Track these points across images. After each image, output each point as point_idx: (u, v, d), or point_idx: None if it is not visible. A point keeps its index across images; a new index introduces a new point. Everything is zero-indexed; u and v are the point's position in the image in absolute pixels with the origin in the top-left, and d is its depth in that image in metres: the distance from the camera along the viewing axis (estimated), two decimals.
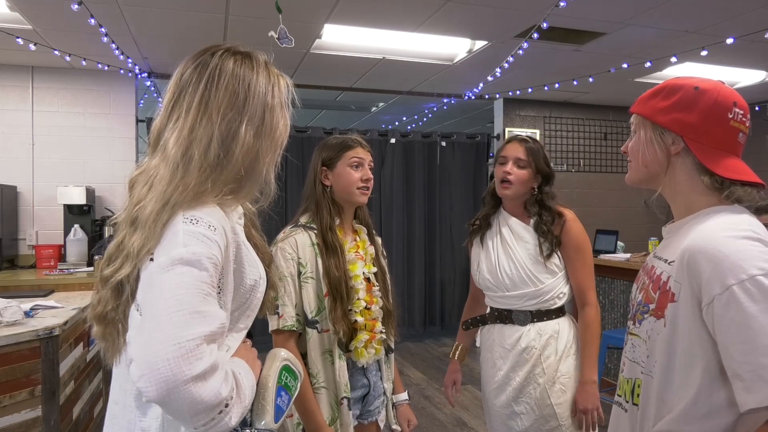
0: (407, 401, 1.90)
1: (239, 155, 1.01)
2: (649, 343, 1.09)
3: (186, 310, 0.84)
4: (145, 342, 0.83)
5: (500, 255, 1.91)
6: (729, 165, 1.07)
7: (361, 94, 5.65)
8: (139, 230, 0.94)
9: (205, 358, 0.83)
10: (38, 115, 4.55)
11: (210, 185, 0.98)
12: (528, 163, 1.88)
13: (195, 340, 0.82)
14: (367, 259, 1.78)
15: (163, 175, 0.97)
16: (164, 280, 0.87)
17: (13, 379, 2.20)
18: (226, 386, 0.86)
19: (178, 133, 0.99)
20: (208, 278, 0.89)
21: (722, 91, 1.08)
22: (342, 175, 1.71)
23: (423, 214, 5.83)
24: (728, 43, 3.76)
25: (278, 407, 1.01)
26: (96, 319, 1.01)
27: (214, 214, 0.96)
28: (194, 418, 0.83)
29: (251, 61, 1.07)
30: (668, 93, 1.11)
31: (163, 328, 0.82)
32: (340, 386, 1.64)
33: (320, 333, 1.65)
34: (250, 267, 1.06)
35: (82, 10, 3.12)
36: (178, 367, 0.80)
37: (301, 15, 3.43)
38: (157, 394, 0.80)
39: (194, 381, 0.81)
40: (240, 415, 0.90)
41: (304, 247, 1.66)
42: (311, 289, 1.64)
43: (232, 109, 1.01)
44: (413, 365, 4.99)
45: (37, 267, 4.28)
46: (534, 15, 3.45)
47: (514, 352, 1.86)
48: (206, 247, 0.91)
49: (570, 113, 6.10)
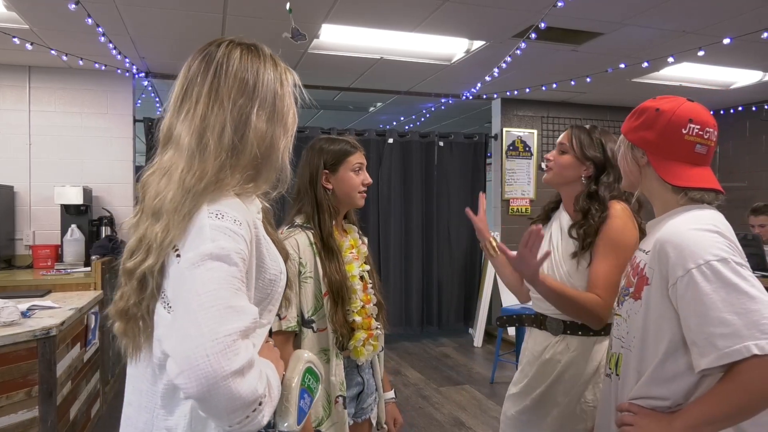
0: (394, 399, 1.91)
1: (254, 140, 1.01)
2: (628, 321, 1.29)
3: (220, 305, 0.84)
4: (183, 338, 0.83)
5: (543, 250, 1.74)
6: (682, 174, 1.25)
7: (359, 94, 5.65)
8: (162, 219, 0.94)
9: (241, 354, 0.83)
10: (35, 115, 4.54)
11: (229, 172, 0.98)
12: (570, 148, 1.72)
13: (232, 335, 0.82)
14: (361, 258, 1.80)
15: (180, 164, 0.97)
16: (195, 275, 0.87)
17: (9, 380, 2.19)
18: (261, 383, 0.86)
19: (190, 122, 1.00)
20: (237, 273, 0.89)
21: (678, 110, 1.25)
22: (345, 180, 1.75)
23: (421, 214, 5.83)
24: (725, 44, 3.77)
25: (301, 409, 1.01)
26: (118, 314, 1.00)
27: (238, 208, 0.97)
28: (231, 415, 0.83)
29: (258, 51, 1.07)
30: (638, 114, 1.32)
31: (199, 324, 0.82)
32: (335, 385, 1.65)
33: (315, 332, 1.66)
34: (271, 261, 1.06)
35: (79, 9, 3.12)
36: (217, 362, 0.80)
37: (298, 15, 3.43)
38: (198, 390, 0.80)
39: (233, 376, 0.81)
40: (270, 414, 0.90)
41: (303, 247, 1.67)
42: (309, 289, 1.66)
43: (243, 95, 1.01)
44: (411, 365, 5.00)
45: (34, 267, 4.27)
46: (532, 15, 3.46)
47: (540, 361, 1.73)
48: (234, 242, 0.91)
49: (568, 113, 6.11)
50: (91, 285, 3.60)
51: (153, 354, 0.99)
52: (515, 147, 5.89)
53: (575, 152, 1.72)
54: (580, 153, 1.71)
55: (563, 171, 1.74)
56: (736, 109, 5.91)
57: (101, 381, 3.54)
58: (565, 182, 1.75)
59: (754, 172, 5.98)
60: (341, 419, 1.65)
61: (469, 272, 6.01)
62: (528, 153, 5.94)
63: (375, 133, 5.69)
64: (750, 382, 1.04)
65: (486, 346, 5.61)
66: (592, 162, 1.70)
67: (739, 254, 1.14)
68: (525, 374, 1.79)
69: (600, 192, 1.67)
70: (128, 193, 4.77)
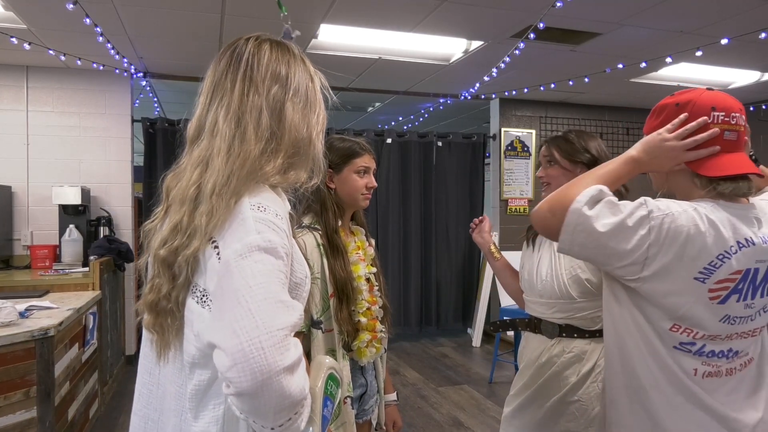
0: (395, 402, 1.91)
1: (291, 127, 0.99)
2: None
3: (273, 298, 0.82)
4: (236, 330, 0.79)
5: (543, 256, 1.75)
6: (714, 163, 1.18)
7: (358, 94, 5.65)
8: (204, 204, 0.91)
9: (292, 350, 0.81)
10: (33, 115, 4.53)
11: (270, 157, 0.96)
12: (555, 159, 1.72)
13: (284, 330, 0.80)
14: (367, 260, 1.80)
15: (220, 149, 0.94)
16: (244, 266, 0.83)
17: (7, 380, 2.19)
18: (307, 384, 0.84)
19: (227, 108, 0.97)
20: (284, 267, 0.88)
21: (698, 100, 1.20)
22: (348, 181, 1.73)
23: (419, 214, 5.84)
24: (723, 44, 3.78)
25: (324, 417, 0.99)
26: (148, 306, 0.97)
27: (278, 203, 0.95)
28: (278, 415, 0.80)
29: (287, 46, 1.07)
30: (658, 113, 1.27)
31: (253, 316, 0.79)
32: (343, 386, 1.64)
33: (324, 333, 1.66)
34: (298, 263, 1.03)
35: (77, 9, 3.11)
36: (272, 356, 0.77)
37: (297, 15, 3.43)
38: (252, 384, 0.77)
39: (285, 372, 0.78)
40: (306, 419, 0.87)
41: (311, 248, 1.66)
42: (317, 290, 1.65)
43: (277, 82, 1.00)
44: (409, 365, 5.00)
45: (32, 267, 4.27)
46: (530, 15, 3.46)
47: (536, 364, 1.72)
48: (278, 236, 0.89)
49: (566, 113, 6.12)
50: (89, 285, 3.59)
51: (184, 351, 0.95)
52: (513, 147, 5.90)
53: (562, 160, 1.71)
54: (568, 159, 1.70)
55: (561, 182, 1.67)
56: None
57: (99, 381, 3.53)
58: None
59: None
60: (349, 420, 1.65)
61: (467, 272, 6.02)
62: (526, 153, 5.94)
63: (373, 133, 5.69)
64: None
65: (484, 346, 5.62)
66: (582, 165, 1.69)
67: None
68: (522, 377, 1.79)
69: None
70: (126, 193, 4.77)
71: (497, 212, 5.89)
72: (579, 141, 1.72)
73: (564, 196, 1.17)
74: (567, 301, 1.65)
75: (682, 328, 1.14)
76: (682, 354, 1.15)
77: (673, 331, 1.14)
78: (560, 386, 1.66)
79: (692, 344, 1.15)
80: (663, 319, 1.14)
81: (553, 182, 1.74)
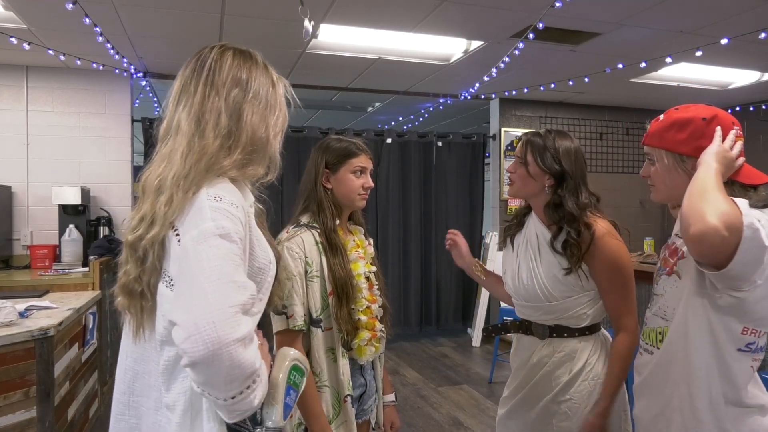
0: (394, 403, 1.90)
1: (248, 128, 1.09)
2: (666, 296, 1.34)
3: (225, 279, 0.91)
4: (190, 307, 0.88)
5: (521, 261, 1.76)
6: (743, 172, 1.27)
7: (358, 94, 5.65)
8: (165, 193, 1.00)
9: (243, 325, 0.89)
10: (33, 115, 4.53)
11: (226, 153, 1.05)
12: (526, 162, 1.70)
13: (234, 307, 0.89)
14: (367, 259, 1.80)
15: (181, 146, 1.04)
16: (200, 251, 0.92)
17: (7, 380, 2.19)
18: (258, 359, 0.91)
19: (189, 109, 1.08)
20: (237, 251, 0.96)
21: (723, 116, 1.29)
22: (344, 182, 1.73)
23: (419, 214, 5.83)
24: (723, 44, 3.78)
25: (287, 405, 1.07)
26: (121, 289, 1.06)
27: (234, 193, 1.04)
28: (229, 386, 0.88)
29: (250, 54, 1.16)
30: (681, 126, 1.31)
31: (206, 295, 0.88)
32: (343, 384, 1.65)
33: (324, 331, 1.66)
34: (261, 250, 1.11)
35: (76, 9, 3.11)
36: (223, 329, 0.86)
37: (297, 14, 3.43)
38: (203, 354, 0.85)
39: (236, 344, 0.86)
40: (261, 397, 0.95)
41: (310, 246, 1.66)
42: (316, 288, 1.65)
43: (237, 86, 1.09)
44: (409, 365, 5.00)
45: (31, 267, 4.26)
46: (530, 15, 3.46)
47: (528, 365, 1.73)
48: (232, 223, 0.97)
49: (566, 113, 6.12)
50: (89, 285, 3.59)
51: (156, 331, 1.04)
52: (513, 147, 5.89)
53: (533, 164, 1.69)
54: (539, 164, 1.68)
55: (525, 185, 1.72)
56: (733, 109, 5.92)
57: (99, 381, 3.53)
58: (529, 195, 1.74)
59: None
60: (350, 418, 1.66)
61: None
62: None
63: (373, 133, 5.69)
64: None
65: (484, 346, 5.62)
66: (549, 175, 1.67)
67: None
68: (515, 378, 1.81)
69: (566, 205, 1.64)
70: (126, 192, 4.77)
71: (497, 212, 5.89)
72: (555, 149, 1.68)
73: (727, 211, 1.08)
74: (551, 303, 1.67)
75: (750, 330, 1.21)
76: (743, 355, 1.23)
77: (743, 334, 1.21)
78: (552, 386, 1.68)
79: (753, 343, 1.23)
80: (735, 323, 1.20)
81: (519, 182, 1.74)
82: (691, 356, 1.25)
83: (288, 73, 4.85)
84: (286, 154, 1.24)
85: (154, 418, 1.05)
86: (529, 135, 1.74)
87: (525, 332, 1.77)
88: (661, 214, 6.32)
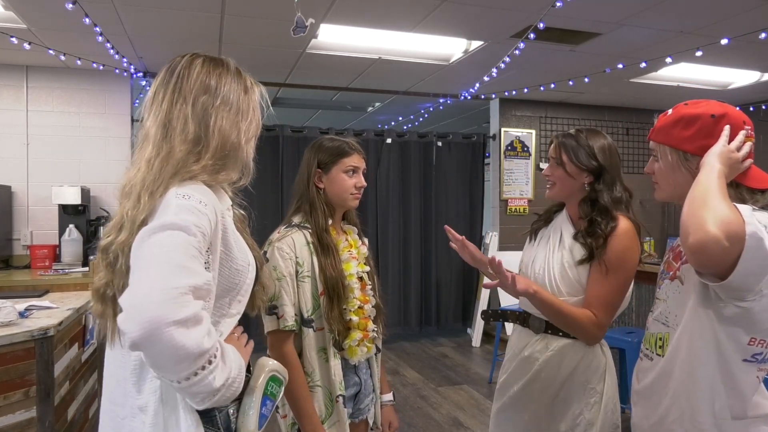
0: (392, 402, 1.90)
1: (218, 134, 1.09)
2: (668, 301, 1.30)
3: (173, 263, 0.88)
4: (132, 289, 0.87)
5: (539, 253, 1.77)
6: (750, 175, 1.23)
7: (358, 94, 5.65)
8: (132, 198, 1.02)
9: (188, 307, 0.86)
10: (33, 115, 4.53)
11: (194, 159, 1.06)
12: (563, 162, 1.70)
13: (180, 288, 0.86)
14: (360, 259, 1.79)
15: (149, 151, 1.06)
16: (153, 240, 0.91)
17: (7, 380, 2.19)
18: (210, 340, 0.88)
19: (155, 117, 1.09)
20: (196, 243, 0.93)
21: (734, 114, 1.23)
22: (336, 181, 1.73)
23: (419, 214, 5.83)
24: (723, 44, 3.78)
25: (262, 415, 1.08)
26: (94, 294, 1.06)
27: (205, 193, 1.03)
28: (177, 366, 0.86)
29: (222, 61, 1.16)
30: (687, 123, 1.25)
31: (150, 276, 0.87)
32: (335, 384, 1.65)
33: (315, 332, 1.66)
34: (240, 252, 1.11)
35: (76, 9, 3.11)
36: (161, 309, 0.83)
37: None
38: (141, 333, 0.83)
39: (177, 325, 0.83)
40: (224, 380, 0.92)
41: (300, 246, 1.67)
42: (308, 288, 1.65)
43: (205, 93, 1.10)
44: (409, 365, 5.00)
45: (31, 267, 4.27)
46: (530, 15, 3.46)
47: (519, 357, 1.74)
48: (196, 217, 0.96)
49: (566, 113, 6.12)
50: (89, 285, 3.59)
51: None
52: (513, 147, 5.90)
53: (569, 164, 1.69)
54: (576, 163, 1.68)
55: (564, 185, 1.72)
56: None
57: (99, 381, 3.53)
58: (569, 194, 1.74)
59: None
60: (342, 418, 1.66)
61: (467, 272, 6.01)
62: (526, 153, 5.94)
63: (373, 133, 5.68)
64: None
65: (484, 346, 5.62)
66: (587, 172, 1.68)
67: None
68: (506, 370, 1.82)
69: (602, 200, 1.64)
70: None
71: (497, 212, 5.89)
72: (589, 146, 1.69)
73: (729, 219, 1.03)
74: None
75: (757, 341, 1.16)
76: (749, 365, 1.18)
77: (750, 345, 1.17)
78: (544, 387, 1.68)
79: (760, 354, 1.18)
80: (742, 333, 1.16)
81: (559, 183, 1.74)
82: (695, 368, 1.21)
83: (288, 72, 4.85)
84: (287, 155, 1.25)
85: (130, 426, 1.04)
86: (561, 136, 1.75)
87: (522, 323, 1.78)
88: (662, 213, 6.31)
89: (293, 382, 1.49)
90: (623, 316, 4.05)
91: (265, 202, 5.03)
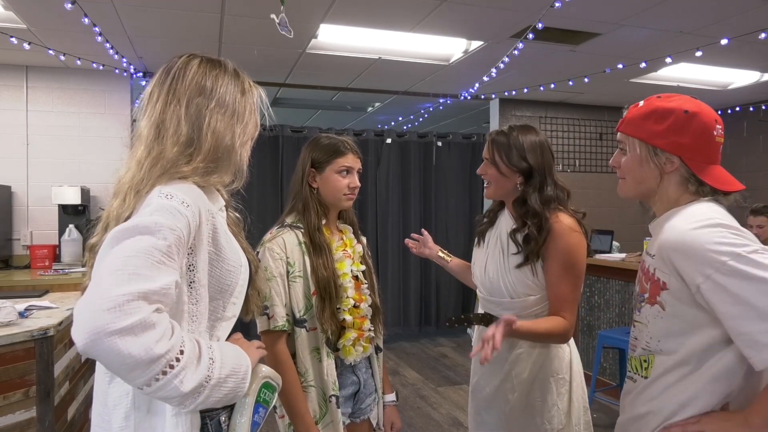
0: (394, 403, 1.90)
1: (211, 136, 1.08)
2: (650, 326, 1.25)
3: (127, 270, 0.85)
4: (83, 298, 0.85)
5: (490, 255, 1.77)
6: (717, 176, 1.22)
7: (357, 94, 5.65)
8: (118, 197, 1.03)
9: (135, 314, 0.83)
10: (33, 115, 4.53)
11: (185, 160, 1.05)
12: (493, 160, 1.71)
13: (126, 295, 0.83)
14: (355, 257, 1.78)
15: (141, 151, 1.06)
16: (115, 249, 0.88)
17: (7, 380, 2.19)
18: (163, 345, 0.85)
19: (149, 117, 1.09)
20: (164, 247, 0.90)
21: (707, 112, 1.22)
22: (329, 181, 1.72)
23: (419, 214, 5.84)
24: (723, 44, 3.78)
25: (255, 423, 1.08)
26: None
27: (190, 193, 1.01)
28: (131, 374, 0.84)
29: (219, 62, 1.15)
30: (660, 117, 1.22)
31: (99, 285, 0.84)
32: (328, 384, 1.64)
33: (308, 331, 1.66)
34: (231, 253, 1.10)
35: (76, 9, 3.11)
36: (103, 318, 0.81)
37: (296, 15, 3.43)
38: (84, 343, 0.82)
39: (119, 334, 0.81)
40: (197, 382, 0.89)
41: (291, 246, 1.66)
42: (299, 288, 1.65)
43: (200, 94, 1.09)
44: (409, 365, 5.00)
45: (31, 267, 4.26)
46: (529, 15, 3.46)
47: None
48: (172, 219, 0.94)
49: (566, 113, 6.12)
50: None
51: None
52: None
53: (502, 164, 1.69)
54: (507, 164, 1.69)
55: (499, 185, 1.72)
56: (733, 109, 5.91)
57: None
58: (505, 193, 1.74)
59: (752, 172, 5.99)
60: (336, 419, 1.65)
61: None
62: None
63: (373, 133, 5.69)
64: None
65: None
66: (519, 173, 1.68)
67: (746, 236, 1.11)
68: (475, 372, 1.83)
69: (530, 201, 1.65)
70: None
71: None
72: (520, 146, 1.68)
73: None
74: (512, 300, 1.68)
75: None
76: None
77: None
78: (515, 385, 1.70)
79: None
80: None
81: (494, 183, 1.74)
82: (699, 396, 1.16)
83: (288, 72, 4.85)
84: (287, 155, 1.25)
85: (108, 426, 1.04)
86: (494, 134, 1.74)
87: (486, 325, 1.76)
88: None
89: (286, 381, 1.49)
90: (623, 316, 4.06)
91: (265, 202, 5.04)
